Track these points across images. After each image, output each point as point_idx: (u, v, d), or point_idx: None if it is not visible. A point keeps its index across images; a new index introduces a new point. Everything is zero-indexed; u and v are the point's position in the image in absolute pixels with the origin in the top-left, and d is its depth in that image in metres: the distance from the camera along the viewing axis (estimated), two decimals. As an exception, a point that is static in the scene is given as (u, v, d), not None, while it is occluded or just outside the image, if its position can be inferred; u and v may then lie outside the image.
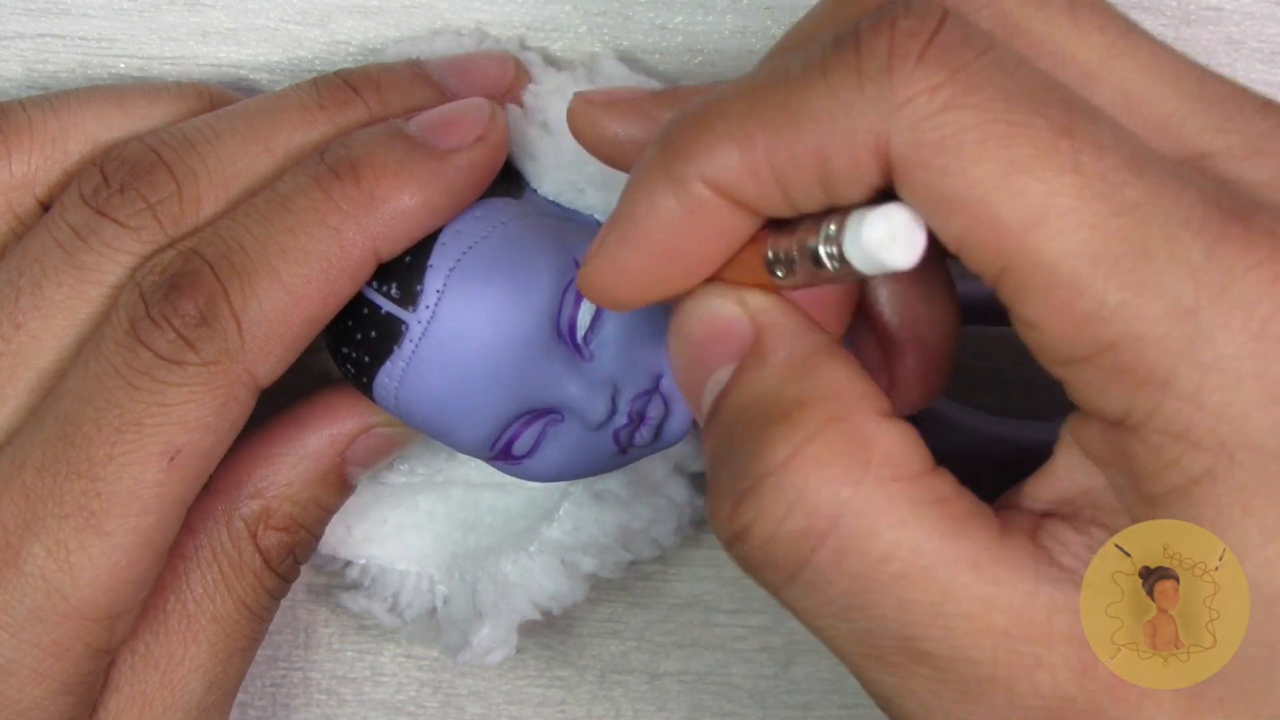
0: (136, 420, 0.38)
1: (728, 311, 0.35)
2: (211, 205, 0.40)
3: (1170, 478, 0.32)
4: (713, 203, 0.34)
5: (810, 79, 0.32)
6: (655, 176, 0.34)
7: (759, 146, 0.33)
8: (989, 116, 0.31)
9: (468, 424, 0.41)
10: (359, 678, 0.50)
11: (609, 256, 0.35)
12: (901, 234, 0.31)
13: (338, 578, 0.48)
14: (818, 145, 0.32)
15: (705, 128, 0.33)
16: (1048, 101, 0.31)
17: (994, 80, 0.31)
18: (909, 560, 0.32)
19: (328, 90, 0.42)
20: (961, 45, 0.31)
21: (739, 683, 0.51)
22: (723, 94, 0.34)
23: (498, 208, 0.41)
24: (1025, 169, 0.31)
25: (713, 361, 0.35)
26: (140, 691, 0.41)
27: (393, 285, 0.40)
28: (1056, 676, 0.32)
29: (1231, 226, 0.31)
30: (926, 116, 0.31)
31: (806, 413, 0.33)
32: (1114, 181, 0.31)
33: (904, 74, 0.31)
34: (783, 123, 0.32)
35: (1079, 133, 0.31)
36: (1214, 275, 0.31)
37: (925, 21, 0.32)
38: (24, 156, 0.42)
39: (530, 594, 0.46)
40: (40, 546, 0.38)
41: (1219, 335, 0.31)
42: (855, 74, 0.32)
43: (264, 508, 0.43)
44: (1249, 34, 0.47)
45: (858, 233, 0.32)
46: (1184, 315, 0.31)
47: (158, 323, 0.38)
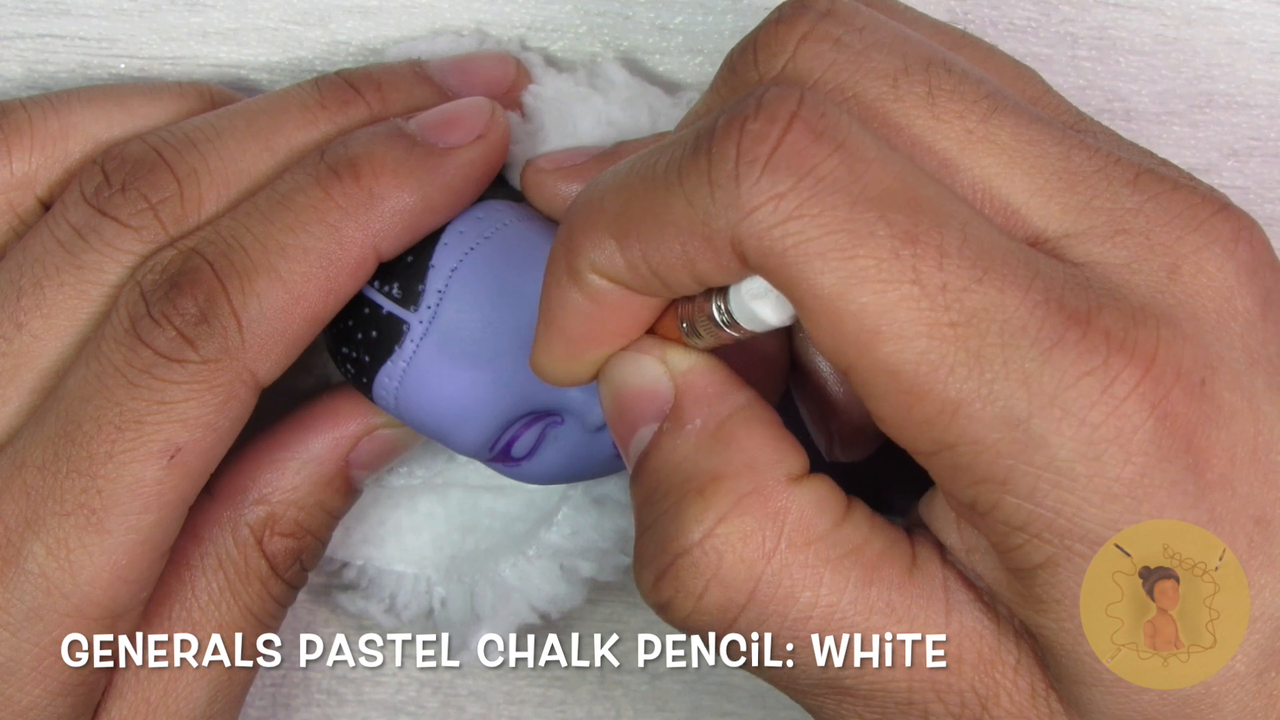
0: (137, 418, 0.38)
1: (650, 370, 0.36)
2: (213, 204, 0.40)
3: (1016, 559, 0.33)
4: (611, 291, 0.35)
5: (670, 184, 0.33)
6: (559, 269, 0.35)
7: (634, 247, 0.34)
8: (831, 227, 0.32)
9: (467, 425, 0.41)
10: (359, 678, 0.50)
11: (543, 345, 0.36)
12: (774, 295, 0.34)
13: (335, 578, 0.48)
14: (683, 249, 0.33)
15: (589, 224, 0.35)
16: (894, 204, 0.32)
17: (840, 184, 0.32)
18: (826, 616, 0.34)
19: (329, 90, 0.42)
20: (810, 146, 0.32)
21: (739, 683, 0.51)
22: (603, 186, 0.35)
23: (500, 209, 0.41)
24: (864, 281, 0.32)
25: (637, 419, 0.36)
26: (144, 699, 0.41)
27: (394, 285, 0.40)
28: (965, 700, 0.34)
29: (1070, 331, 0.32)
30: (771, 226, 0.32)
31: (720, 488, 0.34)
32: (953, 289, 0.32)
33: (750, 182, 0.32)
34: (650, 226, 0.34)
35: (921, 239, 0.32)
36: (1047, 383, 0.32)
37: (774, 123, 0.32)
38: (25, 156, 0.42)
39: (528, 597, 0.46)
40: (41, 545, 0.38)
41: (1051, 441, 0.32)
42: (707, 182, 0.33)
43: (270, 514, 0.43)
44: (1249, 34, 0.47)
45: (739, 294, 0.34)
46: (1015, 423, 0.32)
47: (158, 321, 0.38)
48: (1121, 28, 0.46)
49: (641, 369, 0.36)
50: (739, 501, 0.34)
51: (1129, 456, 0.32)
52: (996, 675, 0.34)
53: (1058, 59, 0.46)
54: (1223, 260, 0.34)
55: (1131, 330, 0.32)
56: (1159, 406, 0.32)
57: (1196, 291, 0.33)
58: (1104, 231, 0.34)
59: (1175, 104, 0.47)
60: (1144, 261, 0.34)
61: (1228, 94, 0.47)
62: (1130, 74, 0.47)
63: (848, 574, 0.34)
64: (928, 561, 0.35)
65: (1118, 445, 0.32)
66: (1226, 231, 0.34)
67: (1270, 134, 0.47)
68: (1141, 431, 0.32)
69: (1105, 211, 0.34)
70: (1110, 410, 0.32)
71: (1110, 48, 0.47)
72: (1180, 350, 0.32)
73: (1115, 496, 0.32)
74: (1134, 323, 0.32)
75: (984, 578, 0.34)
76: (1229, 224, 0.34)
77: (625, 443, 0.37)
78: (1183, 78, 0.47)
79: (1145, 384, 0.32)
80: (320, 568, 0.48)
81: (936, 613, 0.34)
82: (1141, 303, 0.33)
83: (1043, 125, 0.35)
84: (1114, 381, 0.32)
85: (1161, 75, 0.47)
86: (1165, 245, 0.34)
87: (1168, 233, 0.34)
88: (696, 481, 0.35)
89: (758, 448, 0.35)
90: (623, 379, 0.36)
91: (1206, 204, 0.34)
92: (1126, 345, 0.32)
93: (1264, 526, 0.33)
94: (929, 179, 0.33)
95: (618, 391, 0.36)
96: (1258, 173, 0.47)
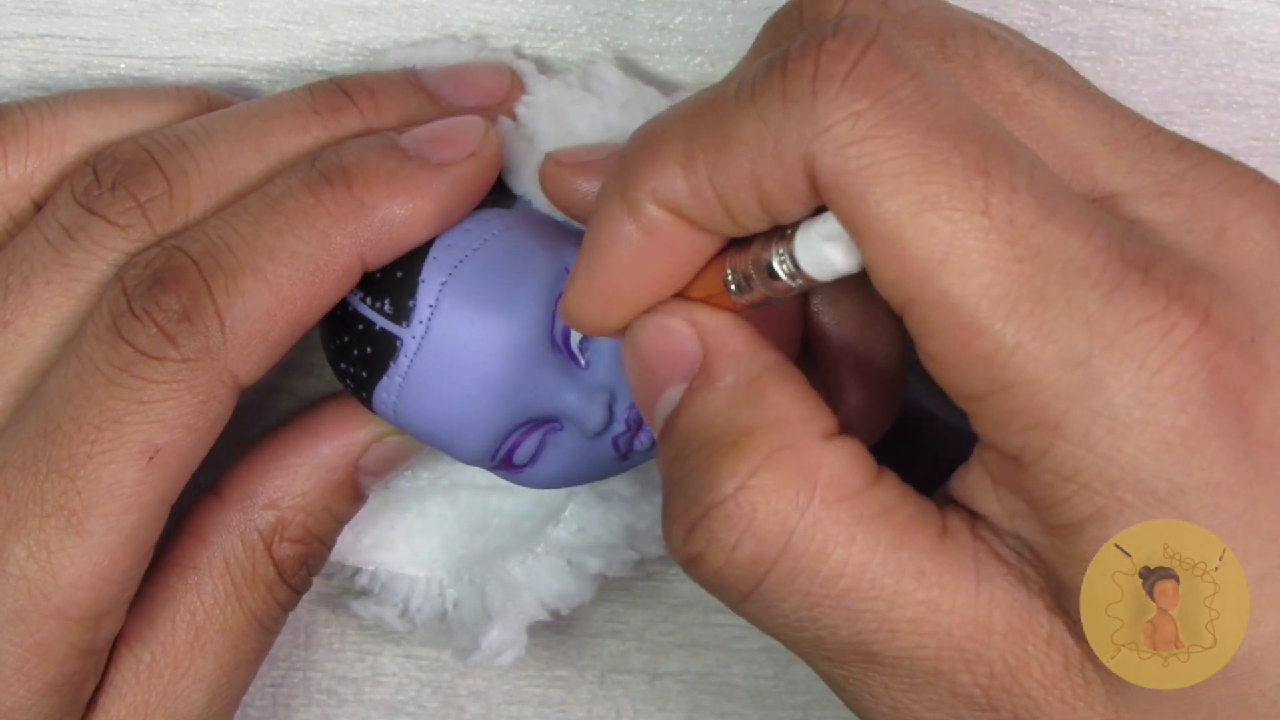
0: (116, 418, 0.38)
1: (677, 330, 0.36)
2: (202, 205, 0.40)
3: (1063, 514, 0.33)
4: (668, 224, 0.35)
5: (741, 103, 0.33)
6: (613, 202, 0.35)
7: (700, 170, 0.34)
8: (907, 149, 0.32)
9: (467, 436, 0.41)
10: (359, 678, 0.50)
11: (583, 285, 0.36)
12: (845, 239, 0.33)
13: (348, 584, 0.48)
14: (751, 168, 0.33)
15: (652, 151, 0.34)
16: (968, 136, 0.32)
17: (916, 110, 0.32)
18: (857, 575, 0.34)
19: (322, 96, 0.42)
20: (887, 70, 0.32)
21: (739, 683, 0.51)
22: (667, 117, 0.35)
23: (488, 219, 0.41)
24: (936, 207, 0.32)
25: (664, 380, 0.36)
26: (143, 700, 0.41)
27: (385, 301, 0.40)
28: (994, 670, 0.34)
29: (1130, 276, 0.32)
30: (847, 144, 0.32)
31: (753, 442, 0.34)
32: (1020, 225, 0.32)
33: (827, 98, 0.32)
34: (718, 147, 0.33)
35: (993, 171, 0.32)
36: (1108, 325, 0.32)
37: (851, 44, 0.32)
38: (20, 159, 0.42)
39: (538, 595, 0.46)
40: (21, 546, 0.38)
41: (1110, 383, 0.32)
42: (781, 98, 0.32)
43: (279, 519, 0.43)
44: (1249, 34, 0.47)
45: (807, 235, 0.33)
46: (1076, 363, 0.32)
47: (139, 317, 0.38)
48: (1121, 28, 0.46)
49: (668, 329, 0.36)
50: (772, 455, 0.34)
51: (1184, 405, 0.32)
52: (1028, 646, 0.34)
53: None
54: (1267, 227, 0.34)
55: (1188, 284, 0.32)
56: (1212, 359, 0.32)
57: (1243, 255, 0.34)
58: (1152, 193, 0.34)
59: (1175, 104, 0.47)
60: (1193, 222, 0.34)
61: (1228, 94, 0.47)
62: (1130, 74, 0.47)
63: (879, 534, 0.34)
64: (958, 532, 0.34)
65: (1174, 393, 0.31)
66: (1270, 200, 0.34)
67: (1270, 134, 0.47)
68: (1196, 381, 0.32)
69: (1151, 174, 0.34)
70: (1168, 357, 0.31)
71: (1110, 48, 0.47)
72: (1232, 309, 0.32)
73: (1169, 445, 0.32)
74: (1189, 277, 0.32)
75: (1026, 543, 0.34)
76: (1272, 193, 0.34)
77: (651, 405, 0.36)
78: (1183, 78, 0.47)
79: (1201, 335, 0.32)
80: (333, 574, 0.48)
81: (967, 580, 0.34)
82: (1194, 260, 0.33)
83: (1085, 95, 0.35)
84: (1173, 329, 0.32)
85: (1161, 75, 0.47)
86: (1211, 210, 0.34)
87: (1213, 198, 0.34)
88: (729, 436, 0.34)
89: (789, 404, 0.34)
90: (650, 339, 0.36)
91: (1248, 174, 0.35)
92: (1184, 296, 0.32)
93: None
94: (996, 120, 0.33)
95: (645, 352, 0.36)
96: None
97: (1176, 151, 0.35)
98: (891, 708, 0.35)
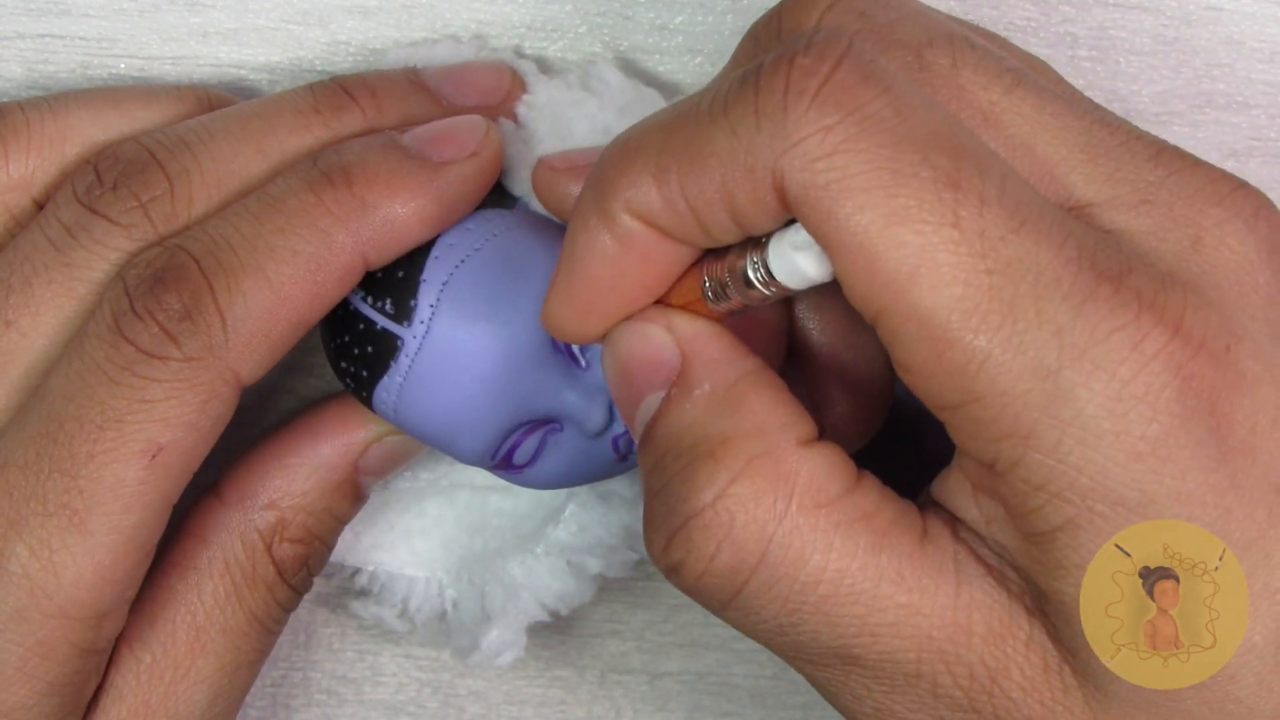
0: (118, 417, 0.38)
1: (656, 337, 0.36)
2: (203, 205, 0.40)
3: (1036, 522, 0.33)
4: (643, 234, 0.35)
5: (714, 116, 0.33)
6: (588, 211, 0.35)
7: (673, 182, 0.34)
8: (876, 163, 0.32)
9: (467, 436, 0.41)
10: (359, 678, 0.50)
11: (561, 293, 0.36)
12: (816, 249, 0.33)
13: (348, 584, 0.48)
14: (723, 182, 0.33)
15: (626, 162, 0.34)
16: (939, 148, 0.32)
17: (887, 124, 0.32)
18: (835, 580, 0.34)
19: (324, 95, 0.42)
20: (858, 84, 0.32)
21: (739, 683, 0.51)
22: (642, 128, 0.35)
23: (490, 220, 0.41)
24: (906, 220, 0.32)
25: (643, 387, 0.36)
26: (144, 701, 0.41)
27: (386, 300, 0.40)
28: (974, 672, 0.34)
29: (1101, 287, 0.32)
30: (816, 159, 0.32)
31: (731, 450, 0.34)
32: (991, 237, 0.32)
33: (798, 113, 0.32)
34: (691, 159, 0.34)
35: (964, 184, 0.32)
36: (1078, 336, 0.32)
37: (823, 60, 0.32)
38: (21, 158, 0.42)
39: (538, 595, 0.46)
40: (24, 546, 0.38)
41: (1080, 394, 0.32)
42: (753, 112, 0.33)
43: (279, 519, 0.43)
44: (1249, 34, 0.47)
45: (780, 245, 0.34)
46: (1046, 374, 0.32)
47: (141, 316, 0.38)
48: (1121, 28, 0.46)
49: (647, 336, 0.36)
50: (750, 463, 0.34)
51: (1155, 415, 0.32)
52: (1007, 649, 0.34)
53: (1058, 59, 0.46)
54: (1244, 234, 0.34)
55: (1161, 293, 0.32)
56: (1184, 368, 0.32)
57: (1219, 263, 0.34)
58: (1129, 201, 0.34)
59: (1175, 104, 0.47)
60: (1168, 231, 0.34)
61: (1228, 94, 0.47)
62: (1130, 74, 0.47)
63: (858, 539, 0.34)
64: (938, 535, 0.35)
65: (1145, 403, 0.32)
66: (1247, 207, 0.34)
67: (1270, 134, 0.47)
68: (1168, 391, 0.32)
69: (1129, 183, 0.34)
70: (1139, 367, 0.32)
71: (1110, 48, 0.47)
72: (1206, 317, 0.32)
73: (1140, 455, 0.32)
74: (1162, 286, 0.32)
75: (1005, 547, 0.34)
76: (1249, 200, 0.34)
77: (631, 412, 0.37)
78: (1183, 78, 0.47)
79: (1173, 345, 0.32)
80: (333, 574, 0.48)
81: (946, 583, 0.34)
82: (1168, 269, 0.33)
83: (1064, 102, 0.35)
84: (1144, 339, 0.32)
85: (1161, 75, 0.47)
86: (1188, 217, 0.34)
87: (1190, 206, 0.34)
88: (707, 445, 0.34)
89: (767, 411, 0.35)
90: (628, 347, 0.36)
91: (1225, 181, 0.35)
92: (1156, 306, 0.32)
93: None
94: (969, 131, 0.33)
95: (624, 360, 0.36)
96: (1258, 173, 0.47)
97: (1155, 159, 0.35)
98: (874, 709, 0.35)
